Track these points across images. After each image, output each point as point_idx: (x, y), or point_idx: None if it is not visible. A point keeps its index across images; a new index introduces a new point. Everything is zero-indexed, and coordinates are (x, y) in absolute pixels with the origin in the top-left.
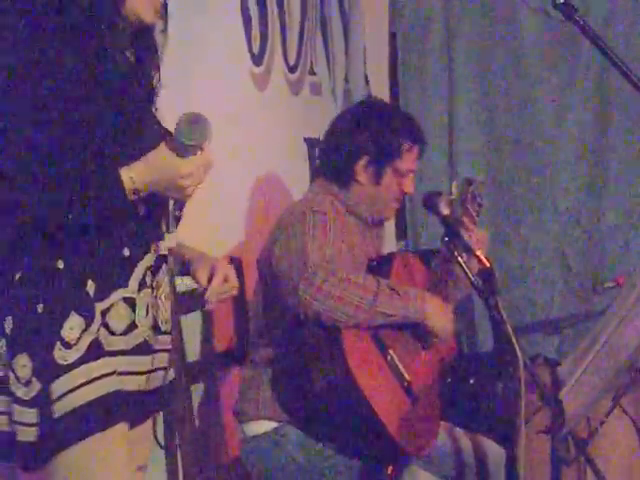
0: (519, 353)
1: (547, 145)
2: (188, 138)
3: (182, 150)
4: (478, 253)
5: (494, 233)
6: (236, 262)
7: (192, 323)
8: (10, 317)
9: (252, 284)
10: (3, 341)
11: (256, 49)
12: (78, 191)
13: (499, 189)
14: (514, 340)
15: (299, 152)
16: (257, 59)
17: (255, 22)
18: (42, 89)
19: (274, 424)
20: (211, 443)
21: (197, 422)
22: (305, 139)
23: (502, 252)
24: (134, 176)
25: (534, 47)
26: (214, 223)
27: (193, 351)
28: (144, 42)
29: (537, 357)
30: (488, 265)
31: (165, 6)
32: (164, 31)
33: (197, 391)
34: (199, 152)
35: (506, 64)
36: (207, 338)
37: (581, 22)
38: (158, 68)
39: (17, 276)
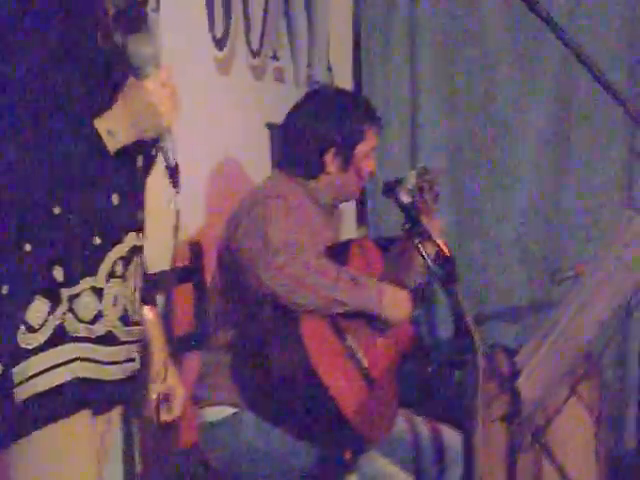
0: (478, 341)
1: (509, 137)
2: (138, 57)
3: (137, 72)
4: (438, 241)
5: (455, 222)
6: (196, 246)
7: None
8: None
9: (211, 268)
10: None
11: (219, 33)
12: (51, 167)
13: (460, 178)
14: (473, 328)
15: (261, 138)
16: (220, 43)
17: (218, 6)
18: (17, 63)
19: (233, 409)
20: (169, 428)
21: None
22: (267, 124)
23: (462, 241)
24: (110, 126)
25: (498, 39)
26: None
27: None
28: (133, 22)
29: (496, 345)
30: (448, 253)
31: None
32: (156, 10)
33: None
34: (156, 67)
35: (470, 56)
36: (166, 322)
37: (544, 13)
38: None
39: None
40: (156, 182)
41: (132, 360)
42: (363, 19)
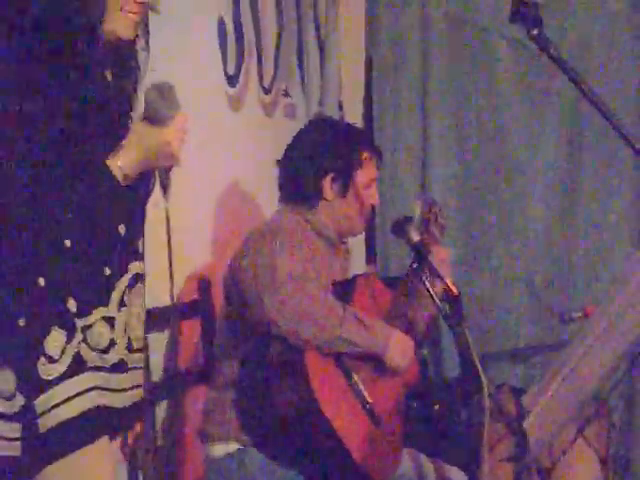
0: (484, 381)
1: (519, 174)
2: (164, 110)
3: (160, 121)
4: (447, 280)
5: (464, 260)
6: (203, 281)
7: (158, 341)
8: None
9: (218, 303)
10: None
11: (231, 70)
12: (65, 199)
13: (470, 216)
14: (480, 368)
15: (271, 173)
16: (232, 80)
17: (231, 43)
18: (21, 106)
19: (238, 446)
20: (175, 463)
21: (160, 441)
22: (277, 161)
23: (471, 279)
24: (121, 163)
25: (508, 77)
26: (182, 242)
27: (158, 369)
28: (124, 59)
29: (502, 385)
30: (456, 292)
31: (146, 22)
32: (146, 48)
33: (161, 410)
34: (176, 115)
35: (480, 93)
36: (173, 356)
37: (555, 54)
38: (136, 85)
39: None
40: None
41: (139, 386)
42: (375, 57)
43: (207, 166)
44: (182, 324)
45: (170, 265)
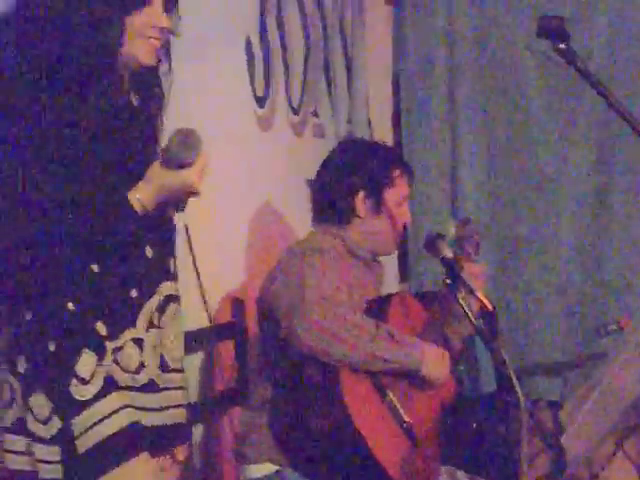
0: (521, 396)
1: (549, 187)
2: (188, 157)
3: (180, 165)
4: (480, 296)
5: (497, 275)
6: (237, 302)
7: (194, 363)
8: (23, 357)
9: (252, 325)
10: (17, 381)
11: (260, 91)
12: (87, 228)
13: (502, 230)
14: (516, 383)
15: (301, 193)
16: (261, 101)
17: (259, 64)
18: (44, 137)
19: (274, 467)
20: None
21: (197, 463)
22: (307, 180)
23: (505, 294)
24: (141, 197)
25: (536, 89)
26: (215, 264)
27: (194, 391)
28: (147, 84)
29: (539, 400)
30: (490, 308)
31: (167, 47)
32: (168, 73)
33: (197, 432)
34: (197, 159)
35: (508, 106)
36: (208, 378)
37: (582, 67)
38: (161, 109)
39: (28, 316)
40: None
41: (178, 406)
42: (402, 75)
43: (238, 187)
44: (217, 345)
45: (201, 287)
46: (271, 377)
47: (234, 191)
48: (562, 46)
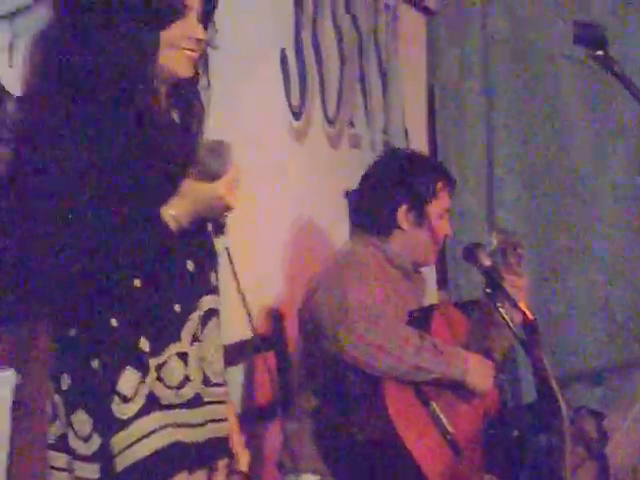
0: (563, 405)
1: (587, 193)
2: (216, 167)
3: (212, 177)
4: (521, 305)
5: (537, 283)
6: (276, 314)
7: (234, 375)
8: (66, 374)
9: (293, 336)
10: (60, 398)
11: (295, 103)
12: (127, 245)
13: (541, 238)
14: (558, 392)
15: (339, 205)
16: (296, 113)
17: (294, 76)
18: (83, 153)
19: (317, 477)
20: None
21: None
22: (345, 191)
23: (545, 302)
24: (175, 212)
25: (572, 95)
26: (254, 275)
27: (235, 403)
28: (186, 98)
29: (581, 408)
30: (531, 317)
31: (205, 59)
32: (207, 86)
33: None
34: (228, 171)
35: (544, 113)
36: (249, 390)
37: (620, 73)
38: (201, 124)
39: (72, 333)
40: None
41: (220, 421)
42: (437, 84)
43: (275, 199)
44: (257, 357)
45: (244, 300)
46: (314, 388)
47: (271, 203)
48: (599, 53)
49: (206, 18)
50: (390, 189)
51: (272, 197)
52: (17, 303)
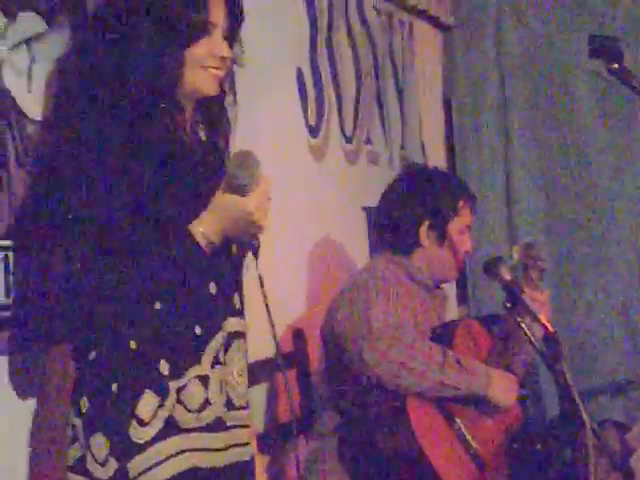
0: (586, 418)
1: (606, 205)
2: (244, 178)
3: (241, 190)
4: (542, 319)
5: (557, 296)
6: (298, 332)
7: (257, 394)
8: (85, 397)
9: (314, 354)
10: (80, 421)
11: (313, 121)
12: (151, 266)
13: (560, 251)
14: (581, 404)
15: (358, 221)
16: (314, 131)
17: (311, 94)
18: (111, 172)
19: None
20: None
21: None
22: (363, 208)
23: (566, 314)
24: (204, 229)
25: (589, 108)
26: (274, 294)
27: (258, 422)
28: (213, 116)
29: (605, 421)
30: (552, 331)
31: (232, 77)
32: (233, 103)
33: (263, 462)
34: (257, 184)
35: (562, 127)
36: (272, 409)
37: (637, 85)
38: (228, 142)
39: (92, 356)
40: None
41: (243, 445)
42: (454, 99)
43: (294, 217)
44: (279, 376)
45: (270, 319)
46: (337, 405)
47: (290, 221)
48: (616, 66)
49: (231, 35)
50: (411, 206)
51: (291, 214)
52: (37, 325)
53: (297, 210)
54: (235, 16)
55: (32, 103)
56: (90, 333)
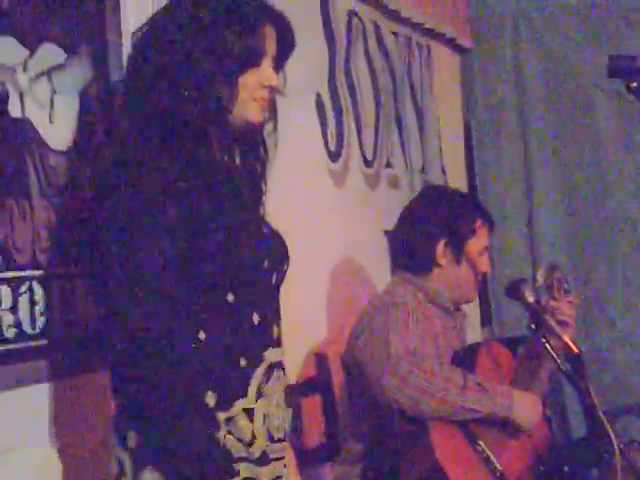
0: (613, 438)
1: (628, 225)
2: None
3: None
4: (566, 339)
5: (580, 315)
6: (321, 357)
7: None
8: (133, 431)
9: (338, 379)
10: (127, 455)
11: (333, 146)
12: (198, 297)
13: (582, 272)
14: (607, 425)
15: (379, 246)
16: (334, 156)
17: (330, 119)
18: (169, 211)
19: None
20: None
21: None
22: (385, 232)
23: (590, 334)
24: None
25: (609, 128)
26: (296, 319)
27: None
28: (251, 143)
29: (632, 442)
30: (577, 351)
31: (274, 105)
32: (274, 131)
33: None
34: None
35: (582, 146)
36: (296, 435)
37: None
38: (265, 170)
39: (135, 387)
40: None
41: (279, 478)
42: (473, 120)
43: (316, 242)
44: (302, 401)
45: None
46: (361, 431)
47: (311, 246)
48: (634, 84)
49: (278, 64)
50: (428, 225)
51: (312, 240)
52: (73, 353)
53: (318, 235)
54: (286, 45)
55: (54, 134)
56: (133, 365)
